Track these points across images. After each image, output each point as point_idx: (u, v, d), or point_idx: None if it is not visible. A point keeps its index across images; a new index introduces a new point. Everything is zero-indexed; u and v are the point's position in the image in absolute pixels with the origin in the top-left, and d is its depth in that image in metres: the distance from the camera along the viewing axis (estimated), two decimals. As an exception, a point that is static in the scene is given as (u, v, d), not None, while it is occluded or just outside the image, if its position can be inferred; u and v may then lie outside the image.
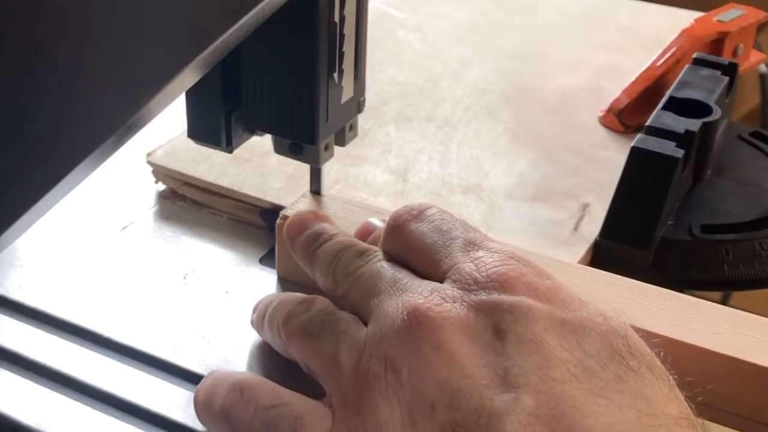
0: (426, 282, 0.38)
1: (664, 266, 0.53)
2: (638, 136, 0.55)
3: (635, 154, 0.54)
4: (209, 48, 0.33)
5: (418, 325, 0.36)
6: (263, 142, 0.50)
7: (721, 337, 0.41)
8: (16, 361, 0.46)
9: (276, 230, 0.49)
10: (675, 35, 0.69)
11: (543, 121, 0.67)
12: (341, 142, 0.49)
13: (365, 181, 0.59)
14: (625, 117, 0.66)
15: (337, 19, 0.44)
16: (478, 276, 0.37)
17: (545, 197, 0.58)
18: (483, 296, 0.36)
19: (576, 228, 0.55)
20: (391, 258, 0.41)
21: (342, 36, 0.44)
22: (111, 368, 0.45)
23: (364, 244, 0.43)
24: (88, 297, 0.49)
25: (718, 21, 0.69)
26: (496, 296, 0.36)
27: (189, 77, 0.34)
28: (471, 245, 0.39)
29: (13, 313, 0.49)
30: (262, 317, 0.43)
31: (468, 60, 0.75)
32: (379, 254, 0.41)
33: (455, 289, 0.37)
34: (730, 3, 0.73)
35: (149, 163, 0.59)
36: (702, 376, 0.36)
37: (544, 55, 0.76)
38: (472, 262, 0.38)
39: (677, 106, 0.57)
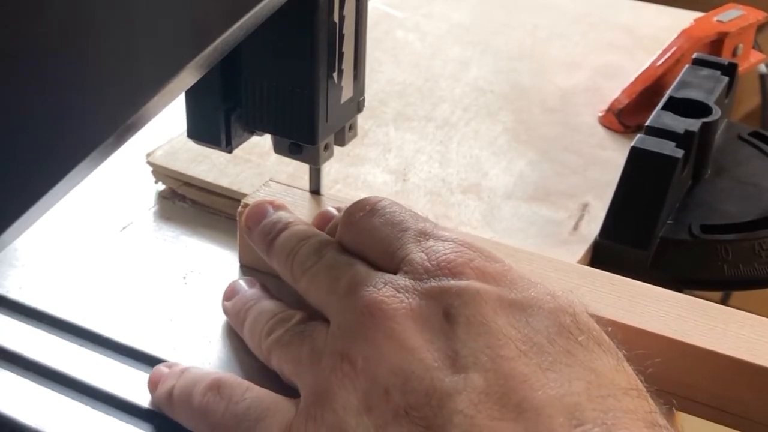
0: (380, 274, 0.39)
1: (663, 266, 0.53)
2: (638, 136, 0.55)
3: (635, 154, 0.54)
4: (209, 48, 0.33)
5: (371, 317, 0.37)
6: (263, 142, 0.50)
7: (666, 320, 0.43)
8: (16, 361, 0.46)
9: (237, 218, 0.50)
10: (675, 35, 0.69)
11: (542, 121, 0.67)
12: (341, 142, 0.49)
13: (365, 181, 0.59)
14: (624, 117, 0.66)
15: (336, 19, 0.44)
16: (428, 264, 0.39)
17: (545, 197, 0.58)
18: (433, 283, 0.38)
19: (575, 228, 0.55)
20: (347, 250, 0.42)
21: (341, 36, 0.44)
22: (111, 368, 0.45)
23: (320, 236, 0.44)
24: (88, 297, 0.49)
25: (718, 21, 0.69)
26: (445, 282, 0.38)
27: (188, 77, 0.34)
28: (422, 235, 0.40)
29: (13, 313, 0.49)
30: (240, 323, 0.45)
31: (467, 60, 0.75)
32: (334, 248, 0.42)
33: (407, 279, 0.38)
34: (730, 3, 0.73)
35: (149, 163, 0.59)
36: (646, 357, 0.37)
37: (543, 55, 0.76)
38: (422, 251, 0.39)
39: (677, 106, 0.57)
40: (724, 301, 0.83)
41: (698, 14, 0.74)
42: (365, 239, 0.42)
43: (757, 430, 0.43)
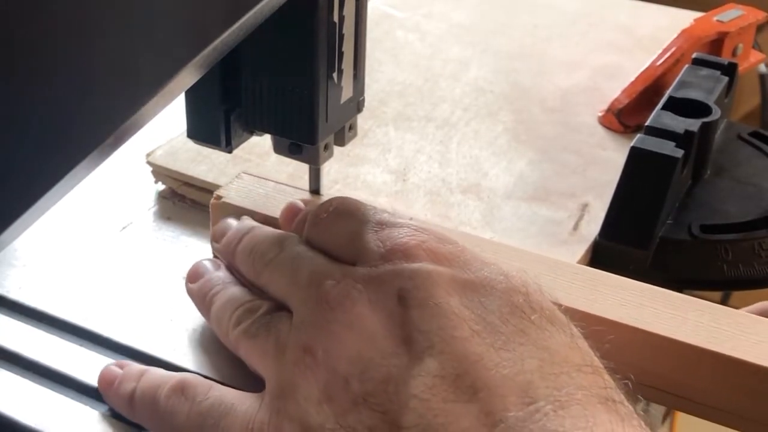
0: (339, 266, 0.40)
1: (663, 266, 0.53)
2: (638, 136, 0.55)
3: (635, 154, 0.54)
4: (208, 48, 0.33)
5: (330, 309, 0.38)
6: (262, 142, 0.50)
7: (625, 309, 0.43)
8: (16, 361, 0.46)
9: (210, 209, 0.51)
10: (674, 35, 0.69)
11: (542, 120, 0.67)
12: (341, 142, 0.49)
13: (365, 181, 0.59)
14: (624, 117, 0.66)
15: (336, 19, 0.44)
16: (383, 251, 0.39)
17: (545, 197, 0.58)
18: (387, 267, 0.39)
19: (575, 228, 0.55)
20: (312, 246, 0.43)
21: (341, 36, 0.44)
22: (110, 368, 0.45)
23: (280, 233, 0.45)
24: (88, 297, 0.49)
25: (718, 21, 0.69)
26: (398, 265, 0.38)
27: (188, 77, 0.34)
28: (379, 225, 0.41)
29: (13, 313, 0.49)
30: (206, 308, 0.45)
31: (467, 60, 0.75)
32: (296, 241, 0.43)
33: (365, 268, 0.39)
34: (730, 3, 0.73)
35: (149, 163, 0.59)
36: (603, 337, 0.38)
37: (543, 55, 0.76)
38: (378, 240, 0.40)
39: (677, 106, 0.57)
40: (724, 301, 0.83)
41: (698, 14, 0.74)
42: (327, 236, 0.42)
43: (756, 430, 0.43)
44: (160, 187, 0.59)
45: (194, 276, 0.47)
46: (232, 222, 0.48)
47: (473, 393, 0.34)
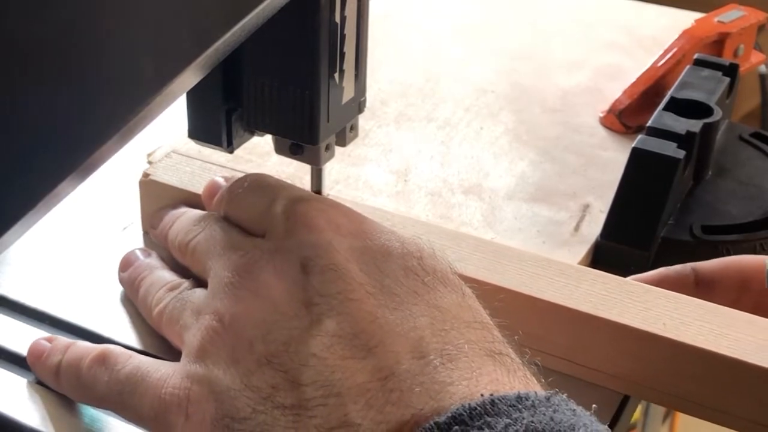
0: (251, 239, 0.43)
1: (664, 266, 0.53)
2: (639, 136, 0.55)
3: (636, 154, 0.54)
4: (210, 48, 0.33)
5: (239, 277, 0.40)
6: (263, 142, 0.50)
7: (522, 278, 0.46)
8: (16, 361, 0.46)
9: (138, 187, 0.53)
10: (676, 36, 0.69)
11: (544, 121, 0.67)
12: (342, 142, 0.49)
13: (366, 182, 0.59)
14: (625, 117, 0.66)
15: (338, 19, 0.44)
16: (288, 224, 0.42)
17: (546, 197, 0.58)
18: (292, 239, 0.41)
19: (577, 228, 0.55)
20: (229, 221, 0.45)
21: (343, 36, 0.44)
22: (111, 368, 0.45)
23: (204, 213, 0.48)
24: (88, 297, 0.49)
25: (719, 22, 0.69)
26: (302, 237, 0.41)
27: (190, 78, 0.34)
28: (289, 200, 0.43)
29: (13, 313, 0.49)
30: (135, 294, 0.47)
31: (468, 60, 0.75)
32: (214, 218, 0.46)
33: (272, 240, 0.42)
34: (731, 4, 0.73)
35: (150, 163, 0.59)
36: (503, 313, 0.40)
37: (544, 55, 0.76)
38: (285, 213, 0.42)
39: (678, 106, 0.57)
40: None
41: (699, 15, 0.74)
42: (241, 211, 0.45)
43: (757, 430, 0.43)
44: (161, 187, 0.59)
45: (125, 265, 0.49)
46: (168, 210, 0.50)
47: (368, 350, 0.36)
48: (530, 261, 0.47)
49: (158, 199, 0.53)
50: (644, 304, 0.45)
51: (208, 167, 0.53)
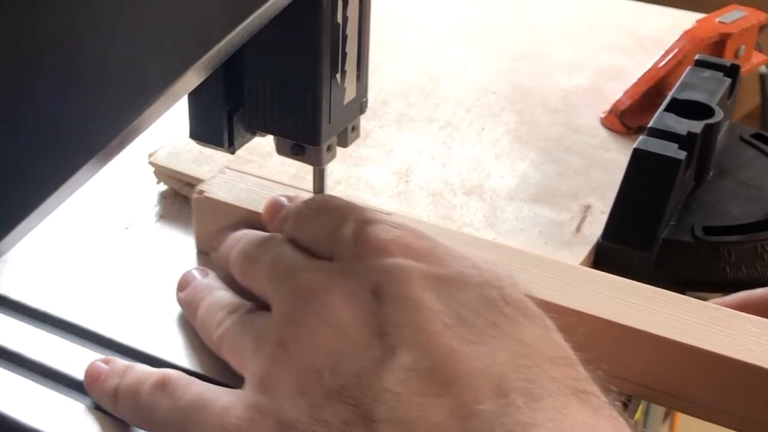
0: (318, 262, 0.41)
1: (666, 268, 0.53)
2: (640, 137, 0.55)
3: (637, 155, 0.54)
4: (213, 50, 0.33)
5: (305, 302, 0.38)
6: (265, 142, 0.50)
7: (599, 301, 0.44)
8: (16, 361, 0.46)
9: (192, 204, 0.51)
10: (676, 37, 0.69)
11: (545, 122, 0.67)
12: (343, 143, 0.49)
13: (367, 182, 0.59)
14: (627, 118, 0.66)
15: (340, 20, 0.44)
16: (358, 247, 0.40)
17: (547, 198, 0.58)
18: (362, 263, 0.39)
19: (578, 229, 0.55)
20: (294, 243, 0.43)
21: (345, 37, 0.44)
22: (113, 369, 0.45)
23: (267, 234, 0.46)
24: (89, 297, 0.49)
25: (720, 22, 0.69)
26: (373, 261, 0.39)
27: (192, 79, 0.34)
28: (357, 222, 0.42)
29: (13, 313, 0.49)
30: (193, 314, 0.46)
31: (470, 60, 0.75)
32: (278, 240, 0.44)
33: (341, 263, 0.40)
34: (732, 5, 0.72)
35: (151, 163, 0.59)
36: (575, 328, 0.38)
37: (545, 55, 0.76)
38: (354, 236, 0.41)
39: (679, 107, 0.57)
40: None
41: (700, 15, 0.74)
42: (307, 233, 0.43)
43: (756, 430, 0.43)
44: (162, 187, 0.59)
45: (182, 285, 0.48)
46: (229, 230, 0.49)
47: (446, 386, 0.34)
48: (600, 281, 0.45)
49: (213, 216, 0.51)
50: (729, 329, 0.43)
51: (264, 183, 0.51)
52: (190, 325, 0.47)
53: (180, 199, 0.58)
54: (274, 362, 0.38)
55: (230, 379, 0.42)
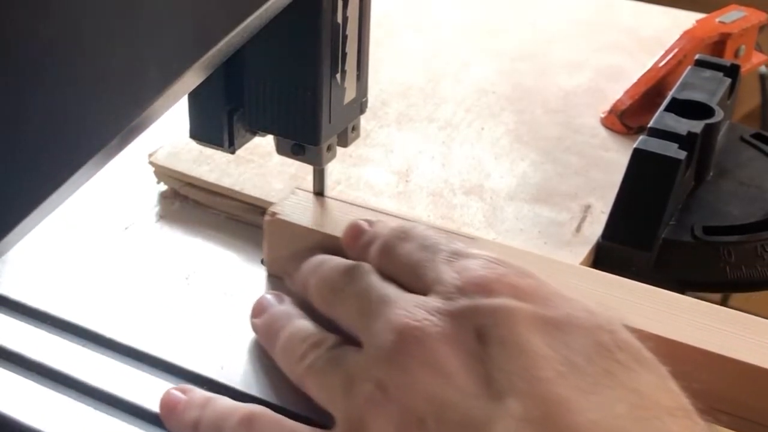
0: (411, 296, 0.38)
1: (666, 268, 0.53)
2: (640, 137, 0.55)
3: (637, 155, 0.54)
4: (213, 49, 0.33)
5: (403, 342, 0.36)
6: (265, 142, 0.50)
7: (700, 333, 0.41)
8: (16, 361, 0.46)
9: (264, 226, 0.50)
10: (677, 37, 0.69)
11: (545, 122, 0.67)
12: (343, 142, 0.49)
13: (367, 182, 0.59)
14: (627, 118, 0.66)
15: (340, 20, 0.44)
16: (459, 283, 0.38)
17: (547, 198, 0.58)
18: (464, 302, 0.37)
19: (578, 229, 0.55)
20: (381, 273, 0.41)
21: (345, 37, 0.44)
22: (111, 368, 0.45)
23: (351, 262, 0.43)
24: (89, 297, 0.49)
25: (720, 22, 0.69)
26: (477, 300, 0.36)
27: (193, 78, 0.34)
28: (454, 255, 0.40)
29: (13, 313, 0.49)
30: (272, 343, 0.43)
31: (469, 60, 0.75)
32: (366, 270, 0.42)
33: (439, 299, 0.37)
34: (732, 5, 0.72)
35: (151, 163, 0.59)
36: (684, 371, 0.36)
37: (545, 55, 0.76)
38: (454, 271, 0.38)
39: (679, 107, 0.57)
40: (723, 303, 0.83)
41: (700, 15, 0.74)
42: (398, 265, 0.41)
43: (756, 431, 0.43)
44: (162, 187, 0.59)
45: (258, 311, 0.45)
46: (304, 255, 0.46)
47: None
48: (706, 311, 0.42)
49: (286, 239, 0.49)
50: None
51: (339, 206, 0.49)
52: (189, 325, 0.47)
53: (180, 199, 0.58)
54: (370, 404, 0.35)
55: (312, 411, 0.40)
